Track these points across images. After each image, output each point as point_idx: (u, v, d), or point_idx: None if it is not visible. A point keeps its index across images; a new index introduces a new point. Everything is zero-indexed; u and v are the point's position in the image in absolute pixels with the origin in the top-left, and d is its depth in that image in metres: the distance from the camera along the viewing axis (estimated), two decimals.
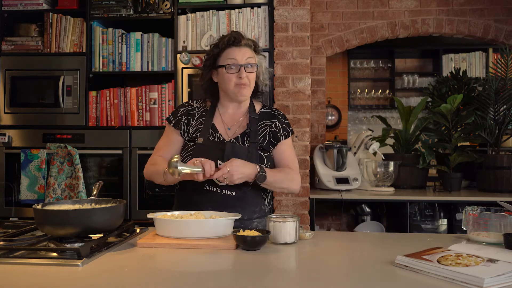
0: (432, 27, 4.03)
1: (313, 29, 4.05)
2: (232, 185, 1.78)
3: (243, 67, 1.84)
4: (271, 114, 1.97)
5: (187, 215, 1.66)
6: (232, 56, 1.85)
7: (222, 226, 1.57)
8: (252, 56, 1.88)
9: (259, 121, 1.92)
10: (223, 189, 1.80)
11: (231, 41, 1.86)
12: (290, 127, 1.97)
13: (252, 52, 1.89)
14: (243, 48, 1.87)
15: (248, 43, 1.89)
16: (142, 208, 3.20)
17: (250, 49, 1.89)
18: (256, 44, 1.93)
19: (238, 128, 1.91)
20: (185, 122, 1.91)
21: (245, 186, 1.81)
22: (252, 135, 1.86)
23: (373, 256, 1.46)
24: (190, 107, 1.96)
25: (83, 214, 1.48)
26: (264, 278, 1.24)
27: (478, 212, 1.59)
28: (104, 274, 1.24)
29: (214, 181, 1.76)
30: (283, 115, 2.00)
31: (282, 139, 1.92)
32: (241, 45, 1.86)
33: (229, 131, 1.90)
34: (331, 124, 6.31)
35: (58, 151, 3.17)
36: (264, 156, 1.86)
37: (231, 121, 1.92)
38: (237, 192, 1.81)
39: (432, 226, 3.42)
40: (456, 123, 3.47)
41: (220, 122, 1.91)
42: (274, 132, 1.91)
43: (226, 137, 1.87)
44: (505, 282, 1.11)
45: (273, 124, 1.93)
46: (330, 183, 3.44)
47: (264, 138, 1.89)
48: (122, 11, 3.30)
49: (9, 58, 3.35)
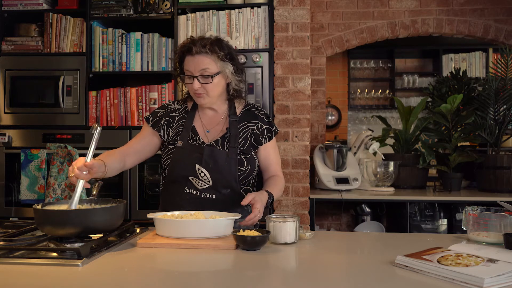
0: (432, 27, 4.03)
1: (313, 29, 4.05)
2: (212, 188, 1.80)
3: (196, 78, 1.79)
4: (253, 114, 1.94)
5: (187, 215, 1.66)
6: (186, 66, 1.81)
7: (222, 226, 1.57)
8: (208, 64, 1.78)
9: (240, 122, 1.90)
10: (202, 193, 1.81)
11: (185, 49, 1.81)
12: (273, 127, 1.95)
13: (210, 59, 1.78)
14: (197, 57, 1.78)
15: (203, 51, 1.77)
16: (142, 208, 3.20)
17: (207, 56, 1.78)
18: (215, 50, 1.78)
19: (218, 131, 1.89)
20: (165, 124, 1.90)
21: (224, 188, 1.82)
22: (232, 139, 1.84)
23: (373, 256, 1.46)
24: (171, 108, 1.94)
25: (83, 214, 1.48)
26: (264, 278, 1.24)
27: (478, 212, 1.59)
28: (104, 274, 1.24)
29: (193, 184, 1.79)
30: (266, 114, 1.96)
31: (265, 142, 1.91)
32: (193, 53, 1.78)
33: (208, 134, 1.88)
34: (331, 124, 6.32)
35: (58, 151, 3.17)
36: (245, 159, 1.85)
37: (211, 124, 1.91)
38: (217, 195, 1.81)
39: (432, 226, 3.42)
40: (456, 123, 3.47)
41: (200, 125, 1.90)
42: (256, 135, 1.89)
43: (206, 140, 1.86)
44: (505, 282, 1.11)
45: (255, 126, 1.91)
46: (330, 183, 3.43)
47: (245, 140, 1.87)
48: (122, 11, 3.30)
49: (9, 58, 3.35)
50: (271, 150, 1.94)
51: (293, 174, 3.15)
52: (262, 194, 1.73)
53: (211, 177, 1.80)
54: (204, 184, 1.81)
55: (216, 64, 1.80)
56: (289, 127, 3.15)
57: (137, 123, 3.28)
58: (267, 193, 1.76)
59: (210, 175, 1.80)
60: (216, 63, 1.80)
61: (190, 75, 1.80)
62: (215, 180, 1.80)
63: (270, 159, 1.94)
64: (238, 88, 1.90)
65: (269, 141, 1.92)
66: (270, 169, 1.94)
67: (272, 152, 1.94)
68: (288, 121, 3.16)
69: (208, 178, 1.80)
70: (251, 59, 3.16)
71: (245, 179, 1.87)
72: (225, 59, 1.81)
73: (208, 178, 1.80)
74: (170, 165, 1.85)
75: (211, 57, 1.79)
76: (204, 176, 1.80)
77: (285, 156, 3.14)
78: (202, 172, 1.80)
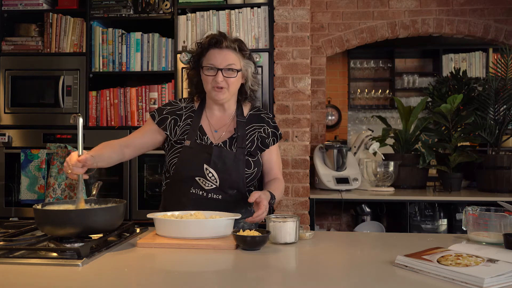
0: (432, 27, 4.03)
1: (313, 29, 4.05)
2: (218, 189, 1.80)
3: (220, 71, 1.79)
4: (260, 117, 1.95)
5: (187, 215, 1.66)
6: (212, 58, 1.81)
7: (222, 226, 1.58)
8: (234, 61, 1.81)
9: (247, 124, 1.90)
10: (209, 193, 1.81)
11: (212, 42, 1.82)
12: (278, 131, 1.97)
13: (236, 56, 1.82)
14: (225, 51, 1.80)
15: (232, 46, 1.81)
16: (142, 208, 3.20)
17: (234, 52, 1.81)
18: (242, 48, 1.84)
19: (225, 131, 1.88)
20: (171, 122, 1.89)
21: (231, 189, 1.82)
22: (240, 140, 1.85)
23: (373, 256, 1.46)
24: (177, 106, 1.93)
25: (84, 214, 1.48)
26: (264, 278, 1.24)
27: (478, 212, 1.59)
28: (104, 274, 1.24)
29: (200, 184, 1.79)
30: (272, 118, 1.98)
31: (271, 145, 1.92)
32: (222, 47, 1.80)
33: (215, 134, 1.88)
34: (331, 124, 6.32)
35: (58, 151, 3.17)
36: (252, 161, 1.86)
37: (218, 124, 1.90)
38: (223, 195, 1.81)
39: (432, 226, 3.42)
40: (456, 123, 3.47)
41: (207, 125, 1.89)
42: (263, 138, 1.90)
43: (213, 140, 1.86)
44: (505, 282, 1.11)
45: (262, 129, 1.91)
46: (330, 183, 3.43)
47: (252, 143, 1.88)
48: (122, 11, 3.30)
49: (9, 58, 3.35)
50: (274, 153, 1.95)
51: (293, 174, 3.15)
52: (266, 193, 1.74)
53: (219, 177, 1.80)
54: (211, 184, 1.80)
55: (240, 62, 1.84)
56: (289, 127, 3.15)
57: (137, 123, 3.28)
58: (269, 193, 1.77)
59: (218, 176, 1.80)
60: (240, 61, 1.84)
61: (214, 67, 1.80)
62: (222, 180, 1.80)
63: (272, 162, 1.95)
64: (254, 88, 1.92)
65: (273, 145, 1.94)
66: (271, 173, 1.95)
67: (275, 155, 1.96)
68: (288, 121, 3.16)
69: (216, 178, 1.80)
70: None
71: (251, 181, 1.87)
72: (248, 58, 1.86)
73: (216, 178, 1.80)
74: (177, 165, 1.83)
75: (238, 54, 1.83)
76: (212, 176, 1.80)
77: (285, 156, 3.14)
78: (210, 173, 1.79)
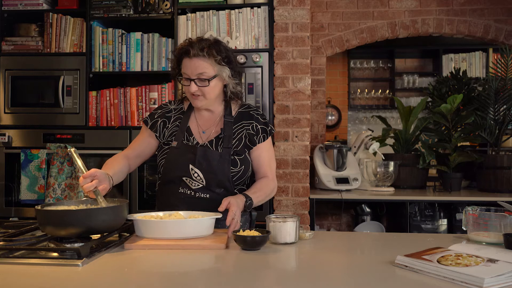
0: (432, 27, 4.03)
1: (313, 29, 4.05)
2: (206, 188, 1.80)
3: (193, 81, 1.79)
4: (249, 114, 1.93)
5: (166, 216, 1.66)
6: (184, 68, 1.81)
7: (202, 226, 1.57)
8: (205, 68, 1.77)
9: (236, 122, 1.90)
10: (196, 192, 1.82)
11: (182, 52, 1.81)
12: (269, 127, 1.93)
13: (207, 63, 1.77)
14: (194, 59, 1.77)
15: (201, 54, 1.76)
16: (142, 208, 3.19)
17: (204, 59, 1.77)
18: (213, 54, 1.77)
19: (213, 132, 1.89)
20: (161, 125, 1.91)
21: (218, 188, 1.82)
22: (226, 140, 1.84)
23: (373, 256, 1.46)
24: (167, 109, 1.95)
25: (86, 215, 1.47)
26: (264, 278, 1.24)
27: (478, 212, 1.59)
28: (104, 274, 1.24)
29: (187, 184, 1.80)
30: (262, 114, 1.95)
31: (259, 142, 1.89)
32: (190, 56, 1.77)
33: (203, 135, 1.88)
34: (331, 124, 6.32)
35: (58, 151, 3.17)
36: (238, 160, 1.85)
37: (206, 125, 1.91)
38: (211, 194, 1.82)
39: (432, 226, 3.42)
40: (456, 123, 3.47)
41: (195, 126, 1.90)
42: (251, 135, 1.88)
43: (200, 141, 1.86)
44: (505, 282, 1.11)
45: (250, 126, 1.90)
46: (330, 183, 3.43)
47: (239, 141, 1.87)
48: (122, 11, 3.30)
49: (9, 58, 3.35)
50: (264, 150, 1.91)
51: (293, 174, 3.15)
52: (239, 197, 1.71)
53: (205, 177, 1.80)
54: (198, 184, 1.81)
55: (213, 67, 1.79)
56: (289, 127, 3.15)
57: (137, 123, 3.28)
58: (244, 196, 1.73)
59: (203, 175, 1.80)
60: (213, 67, 1.79)
61: (187, 78, 1.80)
62: (208, 180, 1.81)
63: (261, 159, 1.90)
64: (236, 91, 1.89)
65: (263, 141, 1.90)
66: (260, 171, 1.91)
67: (264, 152, 1.91)
68: (288, 121, 3.16)
69: (201, 178, 1.81)
70: (251, 59, 3.16)
71: (239, 179, 1.87)
72: (222, 62, 1.80)
73: (201, 178, 1.81)
74: (165, 166, 1.86)
75: (208, 60, 1.78)
76: (197, 176, 1.81)
77: (285, 156, 3.15)
78: (196, 173, 1.81)
